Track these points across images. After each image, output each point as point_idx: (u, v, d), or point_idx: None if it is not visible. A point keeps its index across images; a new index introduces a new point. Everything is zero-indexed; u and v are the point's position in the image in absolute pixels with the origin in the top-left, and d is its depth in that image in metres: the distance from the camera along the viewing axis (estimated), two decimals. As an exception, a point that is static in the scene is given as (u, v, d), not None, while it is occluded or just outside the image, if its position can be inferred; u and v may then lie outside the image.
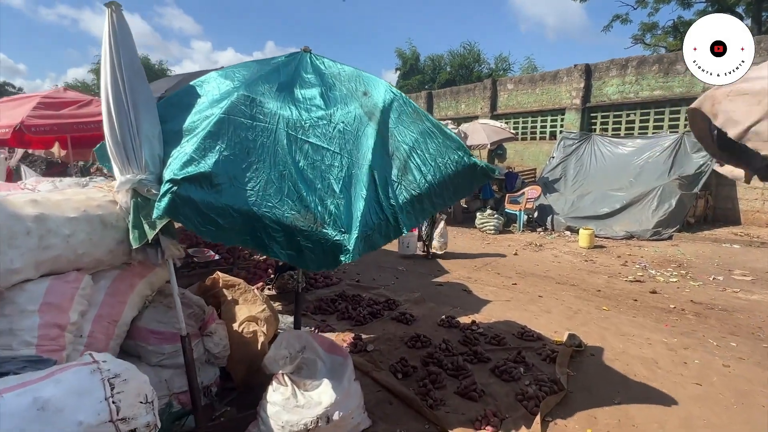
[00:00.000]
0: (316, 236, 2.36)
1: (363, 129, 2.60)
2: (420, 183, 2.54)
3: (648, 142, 10.68)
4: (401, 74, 34.15)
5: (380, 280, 6.04)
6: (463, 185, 2.66)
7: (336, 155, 2.51)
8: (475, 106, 16.10)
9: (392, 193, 2.50)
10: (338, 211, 2.40)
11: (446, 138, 2.62)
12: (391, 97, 2.71)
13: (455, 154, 2.59)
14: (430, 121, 2.67)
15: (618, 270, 6.65)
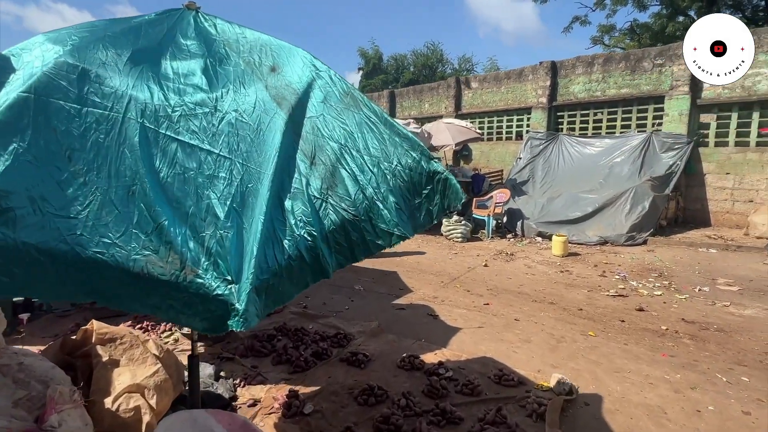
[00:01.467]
0: (186, 290, 1.49)
1: (268, 121, 1.72)
2: (357, 199, 1.70)
3: (616, 142, 10.30)
4: (364, 74, 33.34)
5: (332, 304, 5.16)
6: (421, 205, 1.83)
7: (222, 161, 1.63)
8: (439, 105, 15.46)
9: (312, 216, 1.65)
10: (222, 249, 1.54)
11: (395, 134, 1.78)
12: (311, 74, 1.85)
13: (408, 157, 1.75)
14: (370, 109, 1.82)
15: (597, 282, 6.03)
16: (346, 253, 1.74)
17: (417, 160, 1.74)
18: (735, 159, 9.31)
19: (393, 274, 6.40)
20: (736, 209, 9.33)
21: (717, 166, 9.55)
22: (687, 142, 9.40)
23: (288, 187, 1.68)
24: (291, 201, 1.67)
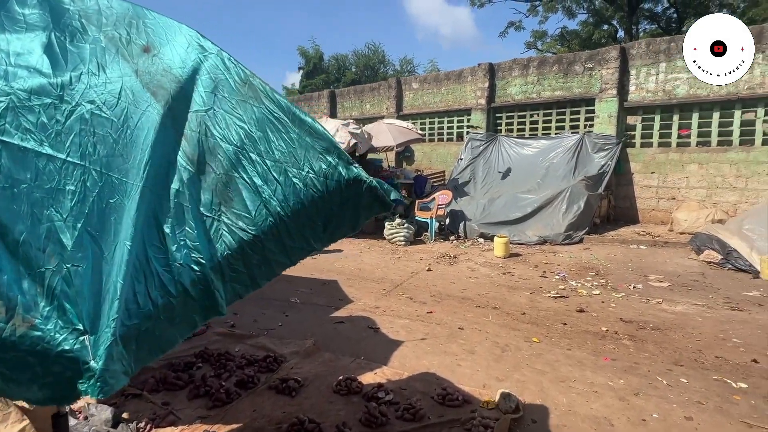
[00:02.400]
0: (16, 348, 1.09)
1: (139, 116, 1.33)
2: (258, 216, 1.35)
3: (552, 143, 10.57)
4: (304, 73, 32.60)
5: (264, 321, 4.71)
6: (342, 216, 1.50)
7: (71, 169, 1.22)
8: (381, 106, 15.26)
9: (199, 239, 1.28)
10: (69, 289, 1.14)
11: (306, 132, 1.44)
12: (198, 56, 1.47)
13: (323, 162, 1.42)
14: (274, 102, 1.47)
15: (538, 283, 6.02)
16: (245, 281, 1.38)
17: (333, 165, 1.41)
18: (659, 159, 9.84)
19: (333, 284, 6.04)
20: (660, 206, 9.86)
21: (643, 166, 10.05)
22: (616, 142, 9.80)
23: (166, 202, 1.30)
24: (171, 221, 1.29)
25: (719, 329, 4.41)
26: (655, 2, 25.88)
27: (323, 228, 1.45)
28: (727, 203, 9.00)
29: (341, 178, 1.41)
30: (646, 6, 25.78)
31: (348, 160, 1.42)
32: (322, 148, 1.42)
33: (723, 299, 5.27)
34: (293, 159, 1.40)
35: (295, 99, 19.06)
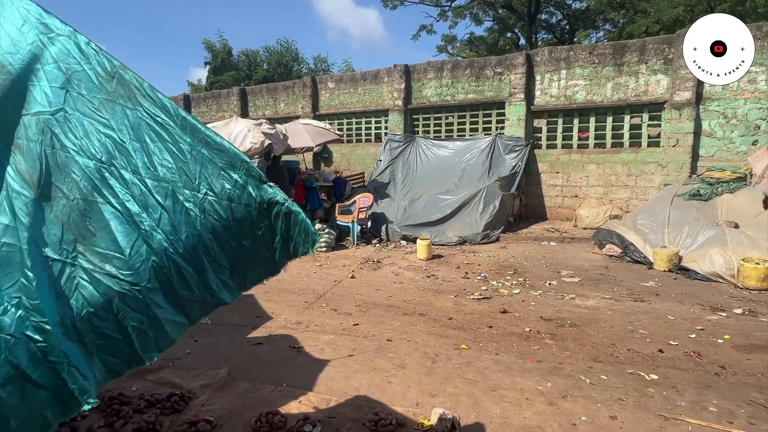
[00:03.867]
0: None
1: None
2: (135, 256, 0.99)
3: (467, 144, 10.86)
4: (212, 69, 30.66)
5: (169, 349, 4.12)
6: (254, 254, 1.18)
7: None
8: (296, 105, 14.71)
9: (41, 295, 0.89)
10: None
11: (201, 142, 1.11)
12: (39, 38, 1.06)
13: (226, 180, 1.10)
14: (156, 103, 1.11)
15: (462, 285, 6.04)
16: (123, 351, 1.02)
17: (240, 184, 1.09)
18: (562, 159, 10.54)
19: (249, 299, 5.54)
20: (565, 204, 10.57)
21: (549, 166, 10.70)
22: (525, 144, 10.32)
23: (-12, 243, 0.90)
24: (-4, 269, 0.89)
25: (627, 321, 4.69)
26: (551, 14, 28.16)
27: (230, 270, 1.13)
28: (620, 200, 9.88)
29: (251, 201, 1.10)
30: (543, 17, 27.92)
31: (260, 178, 1.12)
32: (224, 162, 1.09)
33: (626, 291, 5.67)
34: (185, 177, 1.06)
35: (201, 97, 17.74)
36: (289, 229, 1.12)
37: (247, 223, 1.10)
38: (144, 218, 1.01)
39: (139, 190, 1.02)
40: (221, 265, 1.10)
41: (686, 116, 9.03)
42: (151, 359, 1.10)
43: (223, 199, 1.08)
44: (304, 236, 1.13)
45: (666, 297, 5.44)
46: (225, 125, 8.25)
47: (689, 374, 3.56)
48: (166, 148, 1.06)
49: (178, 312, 1.07)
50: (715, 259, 5.99)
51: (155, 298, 1.02)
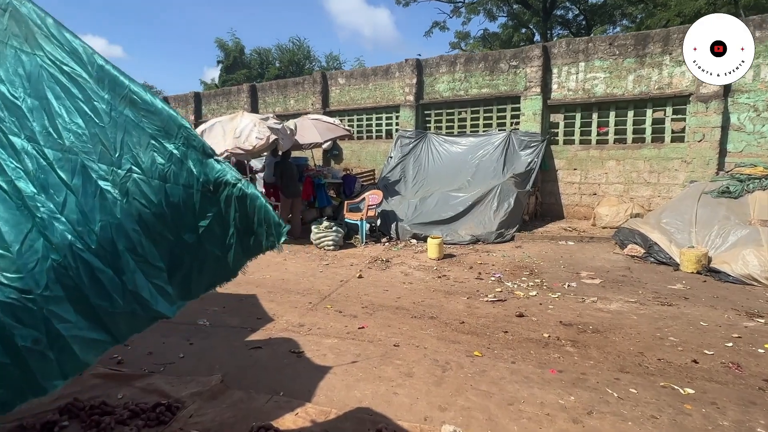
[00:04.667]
0: None
1: None
2: (26, 254, 0.71)
3: (480, 140, 10.51)
4: (224, 67, 30.68)
5: (162, 352, 3.89)
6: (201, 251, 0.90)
7: None
8: (306, 101, 14.49)
9: None
10: None
11: (125, 101, 0.82)
12: None
13: (158, 152, 0.82)
14: (64, 48, 0.83)
15: (475, 286, 5.72)
16: (11, 379, 0.75)
17: (178, 158, 0.83)
18: (580, 156, 10.11)
19: (251, 299, 5.30)
20: (583, 202, 10.15)
21: (566, 163, 10.29)
22: (541, 140, 9.93)
23: None
24: None
25: (655, 327, 4.32)
26: (567, 10, 27.54)
27: (169, 272, 0.85)
28: (642, 198, 9.43)
29: (192, 180, 0.82)
30: (559, 12, 27.32)
31: (204, 149, 0.83)
32: (155, 128, 0.81)
33: (652, 294, 5.29)
34: (101, 147, 0.78)
35: (212, 94, 17.63)
36: (246, 219, 0.84)
37: (187, 211, 0.82)
38: (41, 202, 0.74)
39: (36, 164, 0.75)
40: (154, 266, 0.82)
41: (713, 109, 8.55)
42: (55, 387, 0.83)
43: (153, 178, 0.80)
44: (266, 227, 0.85)
45: (696, 301, 5.05)
46: (231, 120, 8.03)
47: (730, 388, 3.20)
48: (75, 107, 0.79)
49: (94, 327, 0.79)
50: (749, 261, 5.57)
51: (57, 309, 0.75)
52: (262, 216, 0.85)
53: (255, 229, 0.87)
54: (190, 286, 0.92)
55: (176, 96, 18.71)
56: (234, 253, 0.91)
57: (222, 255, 0.90)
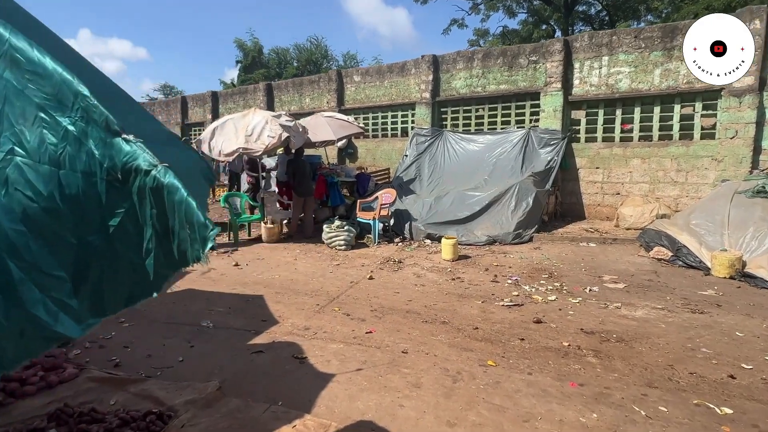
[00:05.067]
0: None
1: None
2: None
3: (498, 138, 10.20)
4: (242, 67, 30.89)
5: (161, 355, 3.76)
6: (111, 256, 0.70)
7: None
8: (321, 99, 14.36)
9: None
10: None
11: (2, 59, 0.63)
12: None
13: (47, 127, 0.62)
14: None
15: (490, 289, 5.46)
16: None
17: (75, 136, 0.61)
18: (603, 154, 9.71)
19: (257, 300, 5.16)
20: (606, 202, 9.74)
21: (588, 161, 9.90)
22: (562, 137, 9.57)
23: None
24: None
25: (685, 337, 4.00)
26: (589, 5, 26.84)
27: (73, 283, 0.65)
28: (669, 198, 8.99)
29: (94, 165, 0.62)
30: (581, 8, 26.65)
31: (109, 125, 0.63)
32: (44, 97, 0.61)
33: (681, 301, 4.94)
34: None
35: (229, 93, 17.68)
36: (165, 218, 0.64)
37: (91, 206, 0.63)
38: None
39: None
40: (51, 276, 0.63)
41: (747, 104, 8.07)
42: None
43: (42, 162, 0.60)
44: (188, 229, 0.65)
45: (730, 308, 4.69)
46: (243, 117, 7.93)
47: (772, 409, 2.89)
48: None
49: None
50: (789, 266, 5.17)
51: None
52: (183, 214, 0.65)
53: (177, 230, 0.67)
54: (103, 300, 0.73)
55: (194, 95, 18.85)
56: (155, 262, 0.71)
57: (140, 263, 0.71)
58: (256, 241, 8.32)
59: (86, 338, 4.06)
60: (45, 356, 3.49)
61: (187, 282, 5.89)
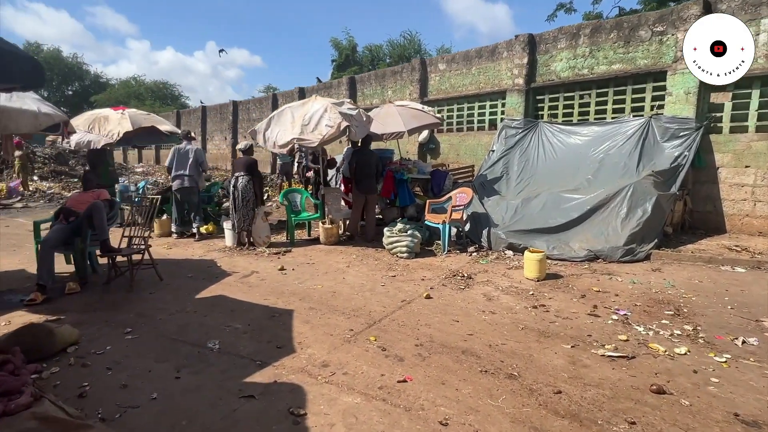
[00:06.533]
0: None
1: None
2: None
3: (607, 129, 8.33)
4: (336, 66, 31.19)
5: (138, 386, 3.02)
6: None
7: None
8: (403, 91, 13.40)
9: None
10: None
11: None
12: None
13: None
14: None
15: (586, 327, 3.99)
16: None
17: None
18: (757, 148, 7.38)
19: (285, 316, 4.30)
20: (758, 212, 7.40)
21: (733, 158, 7.62)
22: (696, 127, 7.45)
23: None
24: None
25: None
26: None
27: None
28: None
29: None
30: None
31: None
32: None
33: None
34: None
35: (314, 89, 17.53)
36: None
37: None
38: None
39: None
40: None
41: None
42: None
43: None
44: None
45: None
46: (302, 105, 7.23)
47: None
48: None
49: None
50: None
51: None
52: None
53: None
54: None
55: (284, 92, 19.10)
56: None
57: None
58: (315, 242, 7.58)
59: (77, 352, 3.50)
60: (8, 374, 2.93)
61: (223, 286, 5.27)
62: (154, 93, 43.97)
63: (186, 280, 5.52)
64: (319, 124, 6.68)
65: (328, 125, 6.61)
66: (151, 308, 4.53)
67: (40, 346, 3.35)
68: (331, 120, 6.62)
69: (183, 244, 7.61)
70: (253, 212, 7.06)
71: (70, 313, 4.39)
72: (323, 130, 6.61)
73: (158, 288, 5.22)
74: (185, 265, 6.25)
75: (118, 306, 4.62)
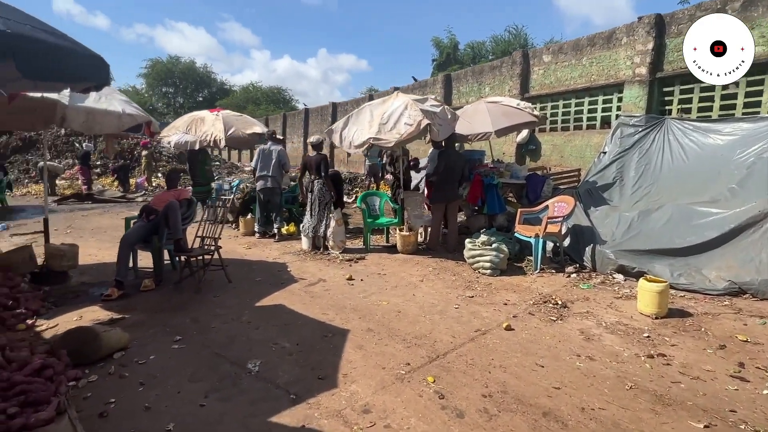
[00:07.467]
0: None
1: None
2: None
3: (759, 127, 6.57)
4: (436, 65, 30.59)
5: (161, 409, 2.73)
6: None
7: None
8: (502, 87, 12.34)
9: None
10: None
11: None
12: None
13: None
14: None
15: (727, 397, 2.90)
16: None
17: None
18: None
19: (338, 337, 3.83)
20: None
21: None
22: None
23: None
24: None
25: None
26: None
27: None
28: None
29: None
30: None
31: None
32: None
33: None
34: None
35: (409, 88, 17.13)
36: None
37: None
38: None
39: None
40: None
41: None
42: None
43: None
44: None
45: None
46: (382, 102, 6.76)
47: None
48: None
49: None
50: None
51: None
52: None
53: None
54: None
55: (380, 92, 19.02)
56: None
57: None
58: (392, 250, 7.08)
59: (122, 359, 3.39)
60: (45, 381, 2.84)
61: (285, 294, 4.99)
62: (268, 97, 47.50)
63: (252, 285, 5.36)
64: (398, 123, 6.15)
65: (407, 123, 6.06)
66: (208, 313, 4.38)
67: (86, 351, 3.27)
68: (411, 118, 6.06)
69: (263, 244, 7.62)
70: (327, 216, 6.79)
71: (136, 312, 4.40)
72: (402, 129, 6.06)
73: (224, 290, 5.11)
74: (257, 267, 6.15)
75: (181, 308, 4.55)
